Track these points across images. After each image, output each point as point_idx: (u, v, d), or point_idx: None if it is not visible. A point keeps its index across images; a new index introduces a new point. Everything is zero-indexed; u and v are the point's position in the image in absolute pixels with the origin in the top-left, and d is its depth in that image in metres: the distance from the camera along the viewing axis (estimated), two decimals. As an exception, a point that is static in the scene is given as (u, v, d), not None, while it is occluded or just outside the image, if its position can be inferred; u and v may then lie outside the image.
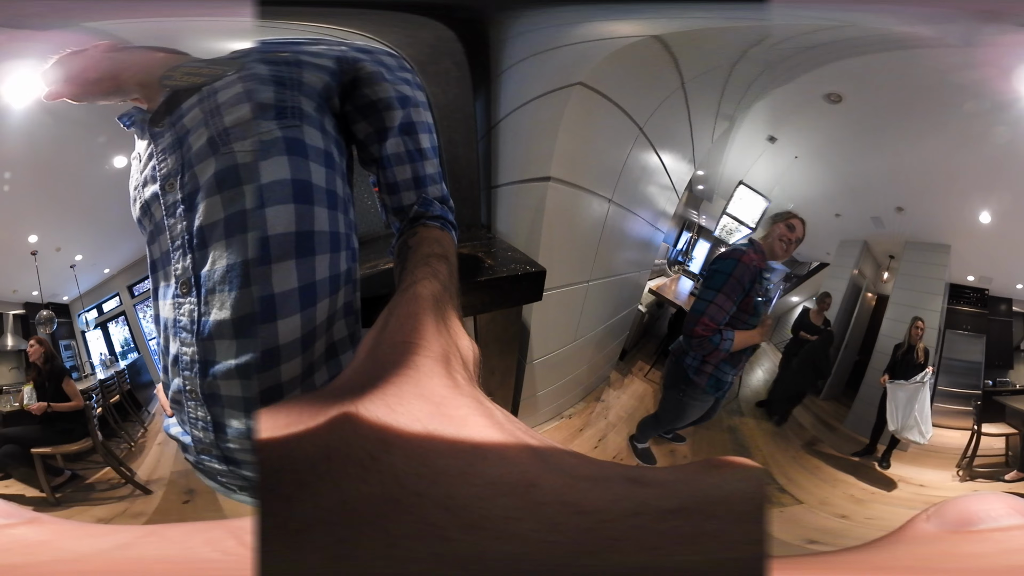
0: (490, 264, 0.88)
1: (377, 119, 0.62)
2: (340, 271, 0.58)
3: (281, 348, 0.54)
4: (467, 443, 0.22)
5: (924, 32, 0.71)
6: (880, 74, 0.75)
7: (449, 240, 0.60)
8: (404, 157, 0.63)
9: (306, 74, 0.57)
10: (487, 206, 0.97)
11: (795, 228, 0.85)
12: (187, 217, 0.54)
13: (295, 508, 0.19)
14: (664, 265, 1.04)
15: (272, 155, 0.53)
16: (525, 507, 0.19)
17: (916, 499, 0.79)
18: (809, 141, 0.83)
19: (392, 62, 0.65)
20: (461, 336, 0.36)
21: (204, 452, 0.60)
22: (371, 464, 0.20)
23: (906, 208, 0.81)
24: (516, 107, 0.89)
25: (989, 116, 0.72)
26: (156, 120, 0.58)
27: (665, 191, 0.96)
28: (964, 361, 0.85)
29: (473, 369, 0.34)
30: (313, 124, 0.56)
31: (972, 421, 0.83)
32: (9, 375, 0.76)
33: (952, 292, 0.83)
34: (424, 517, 0.18)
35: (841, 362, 0.90)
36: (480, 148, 0.94)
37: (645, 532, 0.18)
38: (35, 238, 0.72)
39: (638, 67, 0.83)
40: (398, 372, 0.26)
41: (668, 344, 0.97)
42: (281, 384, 0.55)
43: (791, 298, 0.94)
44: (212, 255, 0.53)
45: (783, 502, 0.81)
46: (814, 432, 0.88)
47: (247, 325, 0.53)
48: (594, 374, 1.03)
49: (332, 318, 0.59)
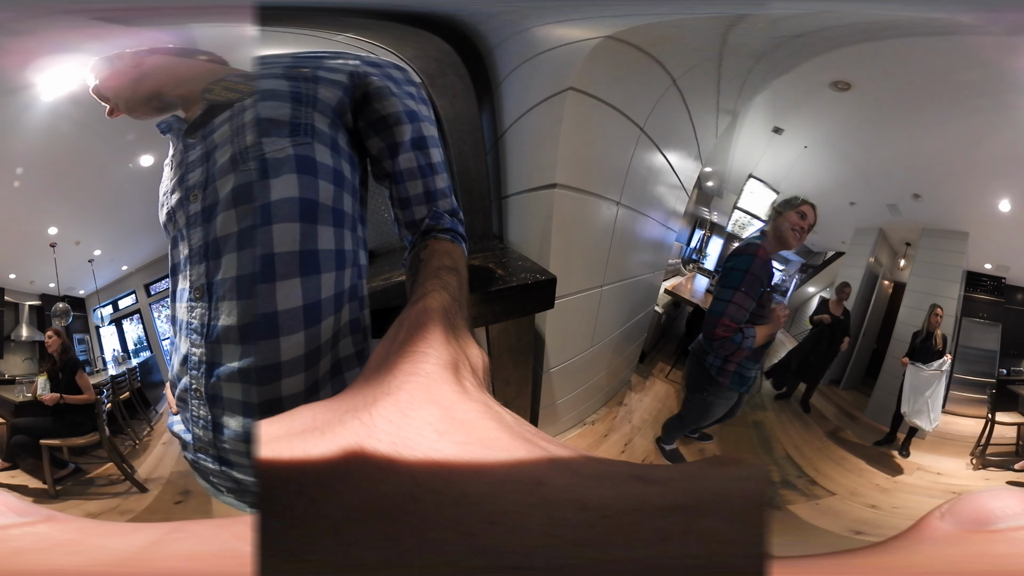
0: (501, 274, 0.89)
1: (388, 135, 0.63)
2: (344, 288, 0.60)
3: (283, 364, 0.56)
4: (477, 444, 0.23)
5: (964, 19, 0.70)
6: (893, 61, 0.74)
7: (459, 252, 0.62)
8: (416, 172, 0.64)
9: (321, 90, 0.59)
10: (498, 216, 0.98)
11: (807, 215, 0.84)
12: (205, 228, 0.57)
13: (316, 510, 0.20)
14: (678, 264, 1.04)
15: (283, 172, 0.55)
16: (533, 503, 0.20)
17: (935, 487, 0.79)
18: (817, 130, 0.82)
19: (399, 75, 0.66)
20: (470, 345, 0.37)
21: (201, 451, 0.62)
22: (389, 465, 0.21)
23: (923, 195, 0.80)
24: (518, 116, 0.90)
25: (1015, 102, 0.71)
26: (191, 131, 0.61)
27: (674, 190, 0.96)
28: (980, 349, 0.84)
29: (483, 377, 0.35)
30: (324, 141, 0.58)
31: (987, 409, 0.82)
32: (22, 365, 0.77)
33: (969, 280, 0.83)
34: (443, 512, 0.20)
35: (859, 351, 0.89)
36: (489, 159, 0.95)
37: (641, 528, 0.19)
38: (55, 230, 0.73)
39: (622, 69, 0.83)
40: (409, 379, 0.27)
41: (687, 344, 0.96)
42: (282, 398, 0.57)
43: (807, 288, 0.94)
44: (224, 265, 0.56)
45: (816, 494, 0.81)
46: (837, 422, 0.87)
47: (251, 333, 0.55)
48: (614, 378, 1.02)
49: (337, 336, 0.61)
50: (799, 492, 0.82)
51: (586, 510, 0.20)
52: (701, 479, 0.21)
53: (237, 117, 0.58)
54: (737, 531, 0.19)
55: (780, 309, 0.89)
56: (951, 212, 0.81)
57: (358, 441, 0.22)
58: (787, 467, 0.85)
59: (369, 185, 0.70)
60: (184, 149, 0.61)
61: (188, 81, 0.63)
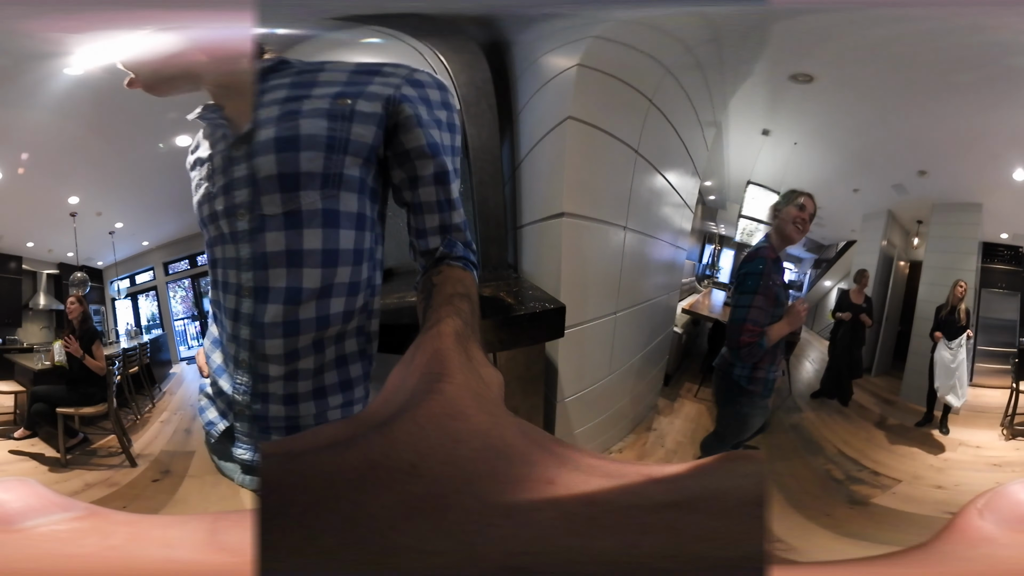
0: (510, 303, 0.90)
1: (410, 167, 0.68)
2: (355, 308, 0.70)
3: (299, 350, 0.68)
4: (493, 450, 0.25)
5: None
6: (859, 41, 0.77)
7: (471, 279, 0.67)
8: (434, 207, 0.69)
9: (355, 128, 0.65)
10: (513, 246, 1.01)
11: (806, 207, 0.84)
12: (252, 242, 0.65)
13: (355, 510, 0.22)
14: (693, 282, 1.03)
15: (312, 226, 0.64)
16: (545, 499, 0.22)
17: (979, 461, 0.76)
18: (801, 125, 0.84)
19: (436, 98, 0.70)
20: (484, 366, 0.39)
21: (239, 416, 0.71)
22: (412, 471, 0.23)
23: (929, 171, 0.80)
24: (532, 146, 0.95)
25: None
26: (238, 145, 0.65)
27: (678, 209, 0.98)
28: (1001, 319, 0.82)
29: (497, 394, 0.38)
30: (352, 187, 0.66)
31: (1011, 379, 0.79)
32: (40, 334, 0.78)
33: (985, 251, 0.81)
34: (467, 508, 0.22)
35: (884, 335, 0.86)
36: (507, 189, 0.99)
37: (636, 523, 0.21)
38: (75, 199, 0.73)
39: (606, 93, 0.88)
40: (425, 397, 0.29)
41: (711, 360, 0.93)
42: (297, 371, 0.69)
43: (824, 283, 0.91)
44: (270, 274, 0.65)
45: (886, 484, 0.77)
46: (878, 410, 0.82)
47: (288, 323, 0.67)
48: (639, 404, 0.97)
49: (343, 335, 0.70)
50: (869, 485, 0.78)
51: (592, 505, 0.21)
52: (704, 476, 0.22)
53: (280, 157, 0.63)
54: (731, 528, 0.20)
55: (799, 303, 0.87)
56: (961, 185, 0.80)
57: (383, 450, 0.24)
58: (845, 464, 0.80)
59: (389, 204, 0.74)
60: (230, 161, 0.65)
61: (226, 66, 0.66)
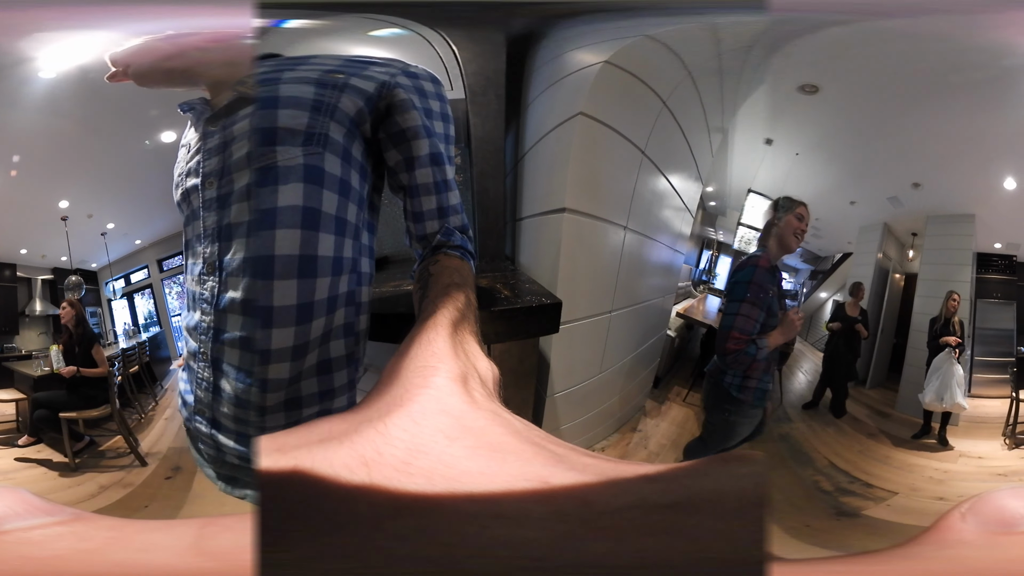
0: (506, 295, 0.89)
1: (405, 148, 0.66)
2: (340, 293, 0.64)
3: (272, 352, 0.61)
4: (487, 448, 0.24)
5: (926, 3, 0.74)
6: (862, 53, 0.79)
7: (468, 269, 0.65)
8: (431, 188, 0.68)
9: (344, 99, 0.63)
10: (512, 239, 1.00)
11: (804, 217, 0.85)
12: (219, 213, 0.62)
13: (346, 509, 0.21)
14: (689, 287, 1.03)
15: (291, 180, 0.59)
16: (539, 499, 0.21)
17: (982, 472, 0.76)
18: (804, 136, 0.85)
19: (430, 89, 0.69)
20: (479, 358, 0.38)
21: (199, 413, 0.66)
22: (405, 468, 0.23)
23: (923, 183, 0.81)
24: (537, 140, 0.95)
25: (1013, 76, 0.73)
26: (214, 120, 0.64)
27: (679, 212, 0.99)
28: (997, 329, 0.82)
29: (493, 387, 0.37)
30: (336, 151, 0.62)
31: (1010, 388, 0.79)
32: (38, 340, 0.77)
33: (980, 261, 0.81)
34: (460, 507, 0.21)
35: (880, 347, 0.86)
36: (508, 181, 0.99)
37: (634, 524, 0.20)
38: (66, 203, 0.73)
39: (622, 92, 0.89)
40: (420, 391, 0.29)
41: (703, 366, 0.93)
42: (267, 380, 0.62)
43: (820, 294, 0.91)
44: (234, 247, 0.61)
45: (880, 496, 0.77)
46: (871, 423, 0.81)
47: (252, 310, 0.61)
48: (627, 404, 0.97)
49: (328, 335, 0.65)
50: (861, 497, 0.77)
51: (588, 506, 0.21)
52: (702, 476, 0.22)
53: (258, 115, 0.62)
54: (730, 529, 0.20)
55: (793, 313, 0.87)
56: (954, 196, 0.80)
57: (375, 448, 0.24)
58: (835, 475, 0.79)
59: (385, 193, 0.73)
60: (204, 136, 0.64)
61: (225, 66, 0.65)
